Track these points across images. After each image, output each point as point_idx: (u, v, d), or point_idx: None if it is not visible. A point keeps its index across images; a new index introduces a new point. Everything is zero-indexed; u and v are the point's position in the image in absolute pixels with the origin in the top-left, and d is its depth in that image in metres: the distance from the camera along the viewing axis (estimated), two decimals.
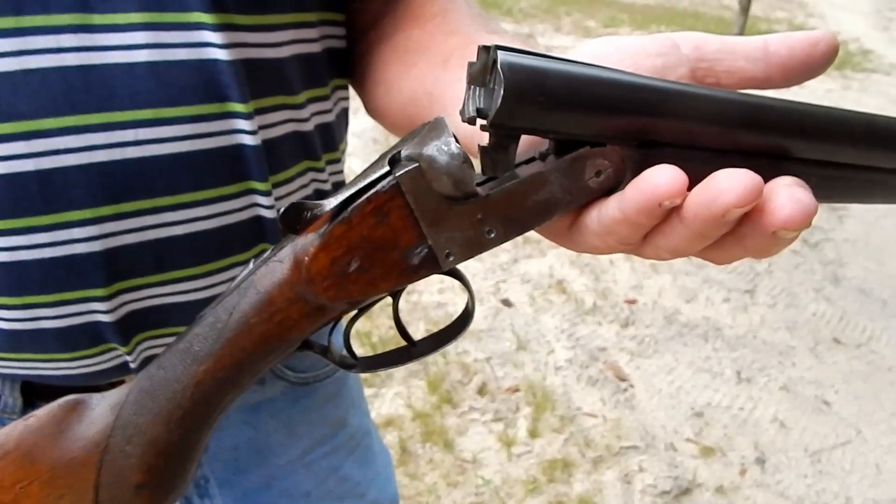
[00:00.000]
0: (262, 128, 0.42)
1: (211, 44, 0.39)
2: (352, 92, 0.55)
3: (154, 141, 0.38)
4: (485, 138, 0.28)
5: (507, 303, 2.26)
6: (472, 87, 0.29)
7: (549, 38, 5.49)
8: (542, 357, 2.03)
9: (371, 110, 0.52)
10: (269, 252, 0.33)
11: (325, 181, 0.50)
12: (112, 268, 0.39)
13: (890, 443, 1.88)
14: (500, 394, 1.86)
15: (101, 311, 0.40)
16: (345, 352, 0.36)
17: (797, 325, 2.33)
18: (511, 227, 0.29)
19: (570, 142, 0.29)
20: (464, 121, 0.29)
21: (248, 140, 0.41)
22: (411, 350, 0.37)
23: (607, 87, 0.27)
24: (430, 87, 0.42)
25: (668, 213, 0.27)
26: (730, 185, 0.25)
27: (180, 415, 0.34)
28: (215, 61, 0.39)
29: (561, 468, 1.66)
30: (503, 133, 0.27)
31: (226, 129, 0.40)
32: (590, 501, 1.59)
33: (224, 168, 0.41)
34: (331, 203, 0.30)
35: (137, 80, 0.37)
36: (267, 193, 0.43)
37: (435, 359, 1.93)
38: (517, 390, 1.89)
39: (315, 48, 0.47)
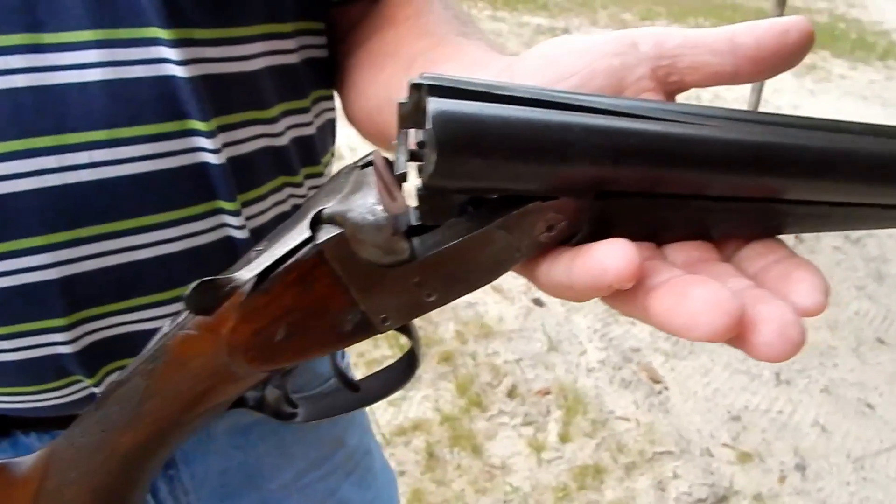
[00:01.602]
0: (227, 145, 0.40)
1: (168, 60, 0.37)
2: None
3: (110, 162, 0.37)
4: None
5: (538, 302, 2.23)
6: (403, 131, 0.25)
7: (585, 33, 5.41)
8: (573, 358, 2.00)
9: (347, 117, 0.50)
10: (184, 316, 0.31)
11: (303, 196, 0.48)
12: (71, 296, 0.38)
13: None
14: (530, 396, 1.83)
15: (62, 342, 0.39)
16: (284, 403, 0.34)
17: (839, 325, 2.25)
18: (453, 289, 0.27)
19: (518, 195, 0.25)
20: (395, 176, 0.26)
21: (211, 158, 0.39)
22: (355, 396, 0.35)
23: (559, 134, 0.23)
24: (395, 92, 0.39)
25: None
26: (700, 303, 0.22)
27: (107, 483, 0.32)
28: (173, 78, 0.37)
29: (592, 474, 1.63)
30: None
31: (187, 148, 0.39)
32: None
33: (188, 188, 0.39)
34: (246, 276, 0.27)
35: (91, 99, 0.36)
36: (236, 213, 0.41)
37: (464, 360, 1.91)
38: (548, 393, 1.86)
39: (291, 59, 0.45)
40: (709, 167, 0.25)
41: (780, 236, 0.28)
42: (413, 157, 0.26)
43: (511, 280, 2.31)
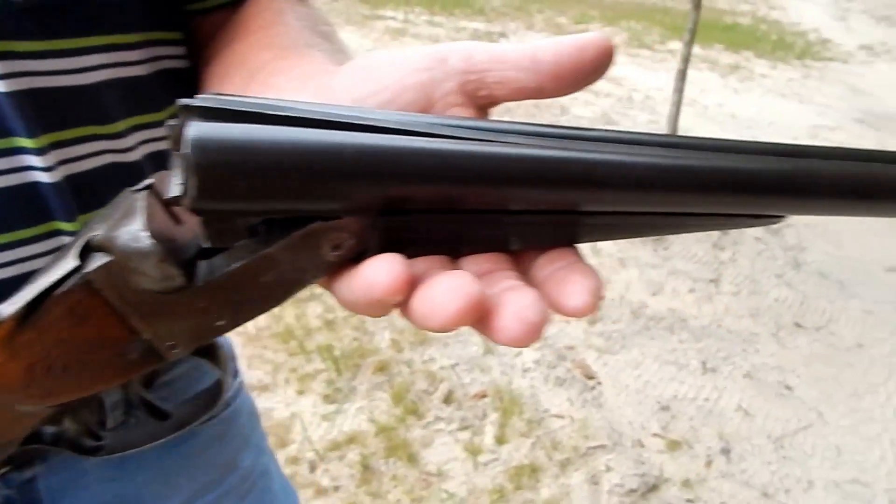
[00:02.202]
0: (63, 163, 0.38)
1: None
2: None
3: None
4: None
5: None
6: (177, 153, 0.24)
7: (521, 37, 5.50)
8: (509, 360, 2.04)
9: None
10: None
11: None
12: None
13: (849, 424, 1.91)
14: (466, 401, 1.86)
15: None
16: (85, 436, 0.33)
17: (760, 312, 2.35)
18: (242, 312, 0.26)
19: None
20: (165, 199, 0.25)
21: (42, 177, 0.37)
22: (165, 424, 0.34)
23: (330, 155, 0.23)
24: None
25: None
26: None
27: None
28: None
29: (528, 474, 1.66)
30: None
31: (15, 167, 0.37)
32: None
33: (20, 209, 0.37)
34: (7, 310, 0.26)
35: None
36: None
37: (400, 368, 1.93)
38: (484, 396, 1.89)
39: (138, 71, 0.43)
40: (497, 184, 0.25)
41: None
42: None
43: None
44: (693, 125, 3.87)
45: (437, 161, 0.25)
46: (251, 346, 1.95)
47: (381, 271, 0.24)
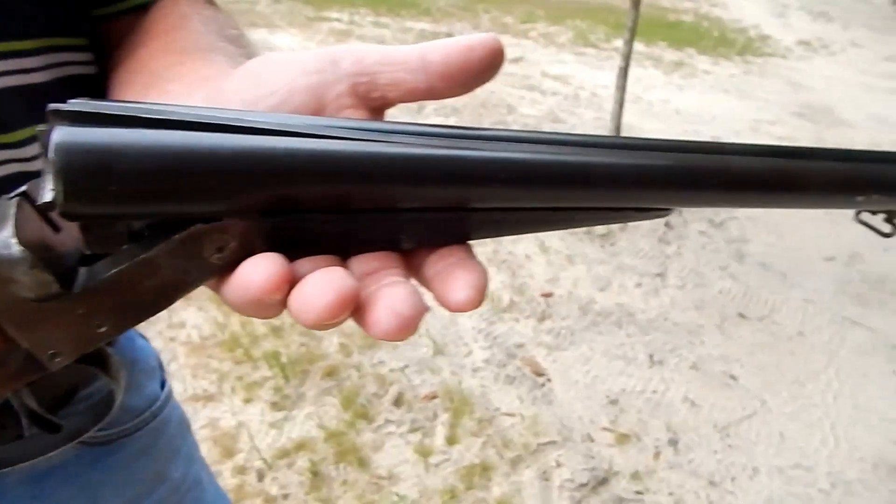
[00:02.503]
0: None
1: None
2: None
3: None
4: None
5: None
6: (44, 159, 0.24)
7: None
8: (459, 360, 2.03)
9: None
10: None
11: None
12: None
13: (792, 410, 1.96)
14: (416, 403, 1.85)
15: None
16: None
17: (705, 304, 2.40)
18: (125, 318, 0.26)
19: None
20: (37, 206, 0.25)
21: None
22: (57, 436, 0.34)
23: (202, 157, 0.23)
24: None
25: None
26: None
27: None
28: None
29: (479, 473, 1.66)
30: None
31: None
32: None
33: None
34: None
35: None
36: None
37: (349, 373, 1.91)
38: (434, 397, 1.88)
39: (38, 78, 0.42)
40: (379, 183, 0.26)
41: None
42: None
43: None
44: (638, 122, 3.93)
45: (317, 161, 0.25)
46: (195, 355, 1.90)
47: (257, 271, 0.24)
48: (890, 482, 1.78)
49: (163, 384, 0.62)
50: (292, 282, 0.24)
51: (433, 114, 3.60)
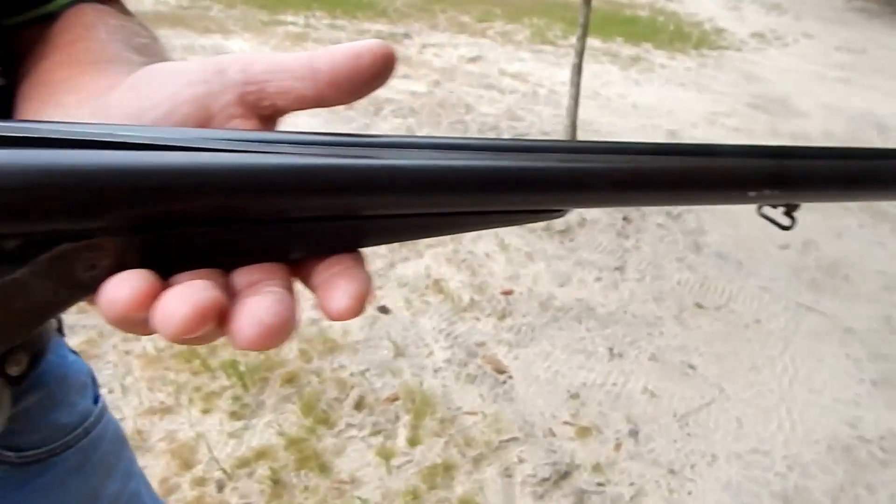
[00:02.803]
0: None
1: None
2: None
3: None
4: None
5: (384, 310, 2.24)
6: None
7: (426, 37, 5.50)
8: (420, 361, 2.03)
9: None
10: None
11: None
12: None
13: (749, 396, 2.00)
14: (378, 405, 1.85)
15: None
16: None
17: (663, 296, 2.43)
18: None
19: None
20: None
21: None
22: None
23: (63, 176, 0.23)
24: None
25: None
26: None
27: None
28: None
29: (442, 473, 1.66)
30: None
31: None
32: (471, 502, 1.60)
33: None
34: None
35: None
36: None
37: (309, 379, 1.89)
38: (396, 399, 1.88)
39: None
40: (256, 194, 0.25)
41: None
42: None
43: None
44: (595, 117, 3.97)
45: (189, 175, 0.25)
46: (151, 367, 1.87)
47: (121, 288, 0.24)
48: (844, 462, 1.82)
49: (96, 399, 0.61)
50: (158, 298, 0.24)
51: (391, 115, 3.59)
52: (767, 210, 0.36)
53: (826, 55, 6.62)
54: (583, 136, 3.61)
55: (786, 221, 0.37)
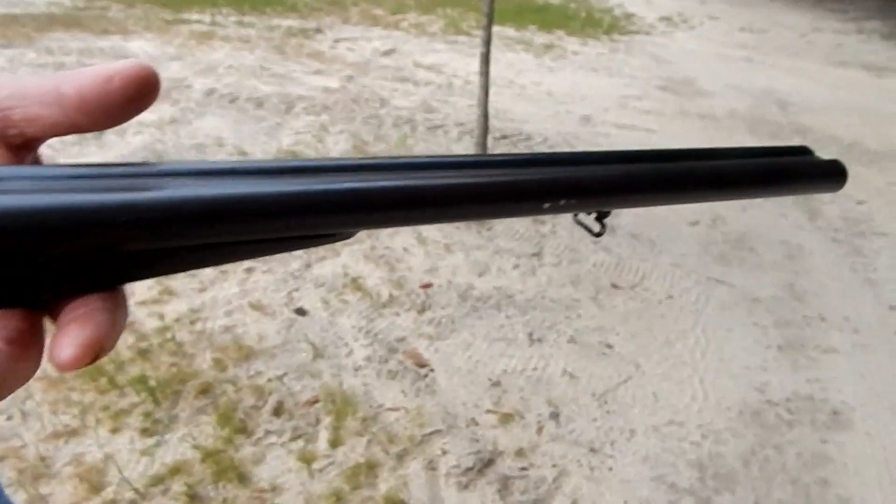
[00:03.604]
0: None
1: None
2: None
3: None
4: None
5: (300, 311, 2.20)
6: None
7: (338, 31, 5.42)
8: (340, 361, 2.00)
9: None
10: None
11: None
12: None
13: (663, 371, 2.06)
14: (297, 410, 1.81)
15: None
16: None
17: (580, 278, 2.48)
18: None
19: None
20: None
21: None
22: None
23: None
24: None
25: None
26: None
27: None
28: None
29: (365, 472, 1.65)
30: None
31: None
32: (396, 499, 1.59)
33: None
34: None
35: None
36: None
37: (224, 388, 1.84)
38: (316, 402, 1.85)
39: None
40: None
41: None
42: None
43: (270, 294, 2.26)
44: (510, 106, 4.00)
45: None
46: (54, 390, 1.78)
47: None
48: (754, 426, 1.90)
49: None
50: None
51: (303, 112, 3.53)
52: (582, 217, 0.36)
53: (730, 36, 6.88)
54: (498, 124, 3.63)
55: (596, 228, 0.36)
